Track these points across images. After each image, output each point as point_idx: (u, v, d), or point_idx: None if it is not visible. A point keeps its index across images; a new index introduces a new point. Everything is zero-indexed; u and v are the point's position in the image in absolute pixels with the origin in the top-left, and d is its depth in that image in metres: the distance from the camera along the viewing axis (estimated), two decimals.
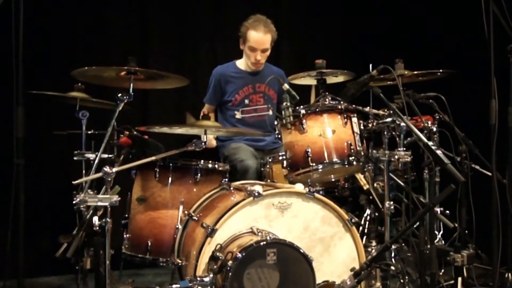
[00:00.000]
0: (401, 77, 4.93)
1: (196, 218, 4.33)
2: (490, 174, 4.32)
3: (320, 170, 4.50)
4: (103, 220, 3.92)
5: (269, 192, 4.14)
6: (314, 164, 4.47)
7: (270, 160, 4.95)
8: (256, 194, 4.06)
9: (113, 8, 6.24)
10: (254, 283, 3.75)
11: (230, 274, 3.69)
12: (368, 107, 4.79)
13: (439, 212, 5.02)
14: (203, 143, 4.25)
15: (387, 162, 4.48)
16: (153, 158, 4.35)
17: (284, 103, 4.52)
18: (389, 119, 4.48)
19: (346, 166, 4.53)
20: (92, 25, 6.13)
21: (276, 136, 4.89)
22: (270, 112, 5.65)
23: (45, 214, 5.89)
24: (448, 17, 6.43)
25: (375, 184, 5.05)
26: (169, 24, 6.51)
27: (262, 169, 5.03)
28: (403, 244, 4.95)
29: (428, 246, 4.26)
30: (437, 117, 5.05)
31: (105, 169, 3.88)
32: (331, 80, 5.11)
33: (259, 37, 5.47)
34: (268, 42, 5.50)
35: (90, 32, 6.11)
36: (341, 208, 4.31)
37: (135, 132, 4.69)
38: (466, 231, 4.85)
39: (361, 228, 4.97)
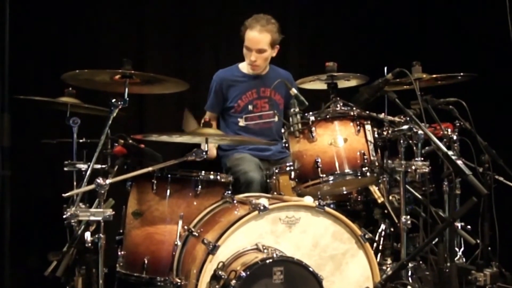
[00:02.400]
0: (419, 81, 4.94)
1: (197, 234, 4.33)
2: None
3: (331, 181, 4.50)
4: (96, 236, 3.93)
5: (276, 206, 4.13)
6: (324, 175, 4.47)
7: (276, 171, 4.96)
8: (262, 207, 4.06)
9: (107, 6, 6.24)
10: None
11: None
12: (383, 114, 4.79)
13: (459, 227, 5.01)
14: (204, 153, 4.26)
15: (404, 173, 4.48)
16: (150, 168, 4.35)
17: (292, 110, 4.52)
18: (405, 127, 4.47)
19: (359, 177, 4.53)
20: (84, 24, 6.13)
21: (283, 145, 4.89)
22: (276, 119, 5.63)
23: (33, 229, 5.88)
24: (469, 16, 6.44)
25: (390, 197, 5.05)
26: (168, 24, 6.52)
27: (268, 180, 5.03)
28: (420, 262, 4.94)
29: (448, 264, 4.26)
30: (458, 124, 5.05)
31: (98, 180, 3.89)
32: (342, 84, 5.12)
33: (253, 36, 5.47)
34: (263, 42, 5.49)
35: (82, 32, 6.12)
36: (354, 223, 4.31)
37: (130, 141, 4.69)
38: (489, 248, 4.85)
39: (375, 244, 4.97)
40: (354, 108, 4.60)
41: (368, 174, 4.50)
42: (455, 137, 5.00)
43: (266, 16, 5.54)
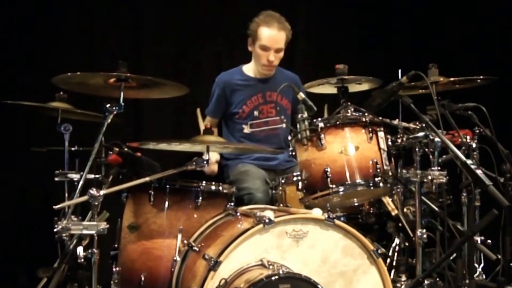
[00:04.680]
0: (435, 84, 4.95)
1: (197, 249, 4.33)
2: None
3: (341, 193, 4.49)
4: (89, 251, 3.94)
5: (282, 219, 4.13)
6: (334, 186, 4.46)
7: (283, 181, 4.95)
8: (267, 220, 4.05)
9: (101, 5, 6.25)
10: None
11: None
12: (397, 120, 4.79)
13: (479, 242, 5.01)
14: (205, 162, 4.26)
15: (419, 183, 4.48)
16: (147, 179, 4.36)
17: (300, 115, 4.51)
18: (421, 134, 4.48)
19: (371, 188, 4.53)
20: (77, 25, 6.15)
21: (290, 153, 4.88)
22: (284, 125, 5.62)
23: (22, 243, 5.89)
24: (489, 16, 6.44)
25: (405, 209, 5.05)
26: (166, 24, 6.53)
27: (274, 191, 5.02)
28: (437, 279, 4.92)
29: (467, 281, 4.25)
30: (477, 131, 5.06)
31: (91, 191, 3.89)
32: (354, 88, 5.12)
33: (273, 34, 5.47)
34: (282, 40, 5.51)
35: (74, 33, 6.13)
36: (366, 237, 4.30)
37: (126, 149, 4.69)
38: (511, 264, 4.84)
39: (388, 260, 4.97)
40: (366, 114, 4.59)
41: (381, 184, 4.49)
42: (474, 145, 5.00)
43: (276, 13, 5.54)
